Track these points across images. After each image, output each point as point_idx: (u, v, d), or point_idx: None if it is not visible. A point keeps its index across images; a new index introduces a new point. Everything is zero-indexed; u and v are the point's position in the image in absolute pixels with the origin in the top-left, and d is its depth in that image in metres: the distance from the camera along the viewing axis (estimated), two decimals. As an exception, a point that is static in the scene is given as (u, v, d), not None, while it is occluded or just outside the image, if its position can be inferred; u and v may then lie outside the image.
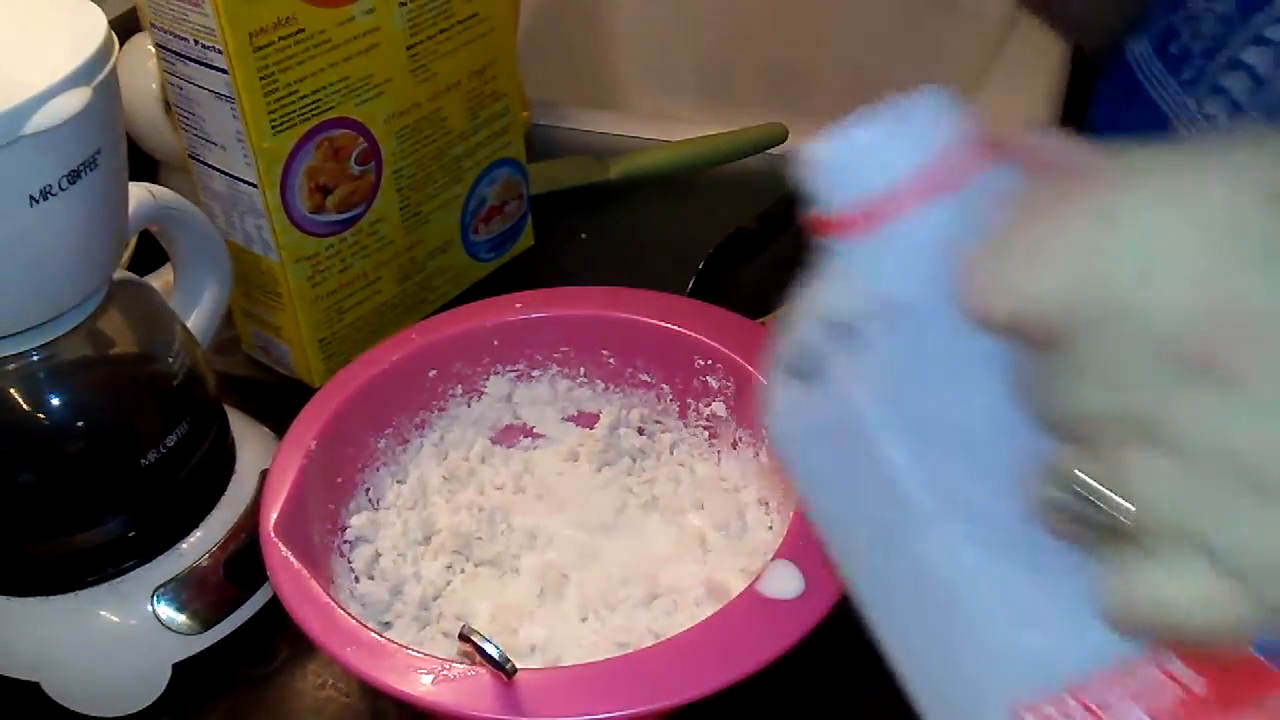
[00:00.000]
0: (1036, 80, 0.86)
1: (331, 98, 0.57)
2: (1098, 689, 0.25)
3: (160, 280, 0.63)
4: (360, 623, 0.41)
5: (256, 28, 0.53)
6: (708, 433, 0.54)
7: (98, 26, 0.42)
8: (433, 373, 0.55)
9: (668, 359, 0.54)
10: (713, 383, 0.53)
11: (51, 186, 0.41)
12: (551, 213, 0.77)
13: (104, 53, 0.42)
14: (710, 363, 0.53)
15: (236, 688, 0.50)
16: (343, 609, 0.42)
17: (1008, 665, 0.26)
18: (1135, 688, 0.25)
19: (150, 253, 0.63)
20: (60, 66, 0.40)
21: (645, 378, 0.55)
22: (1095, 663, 0.25)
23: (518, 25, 0.80)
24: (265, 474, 0.49)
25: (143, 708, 0.49)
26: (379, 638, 0.41)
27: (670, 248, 0.74)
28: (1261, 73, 0.35)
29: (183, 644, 0.50)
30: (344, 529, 0.51)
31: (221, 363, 0.67)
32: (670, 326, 0.54)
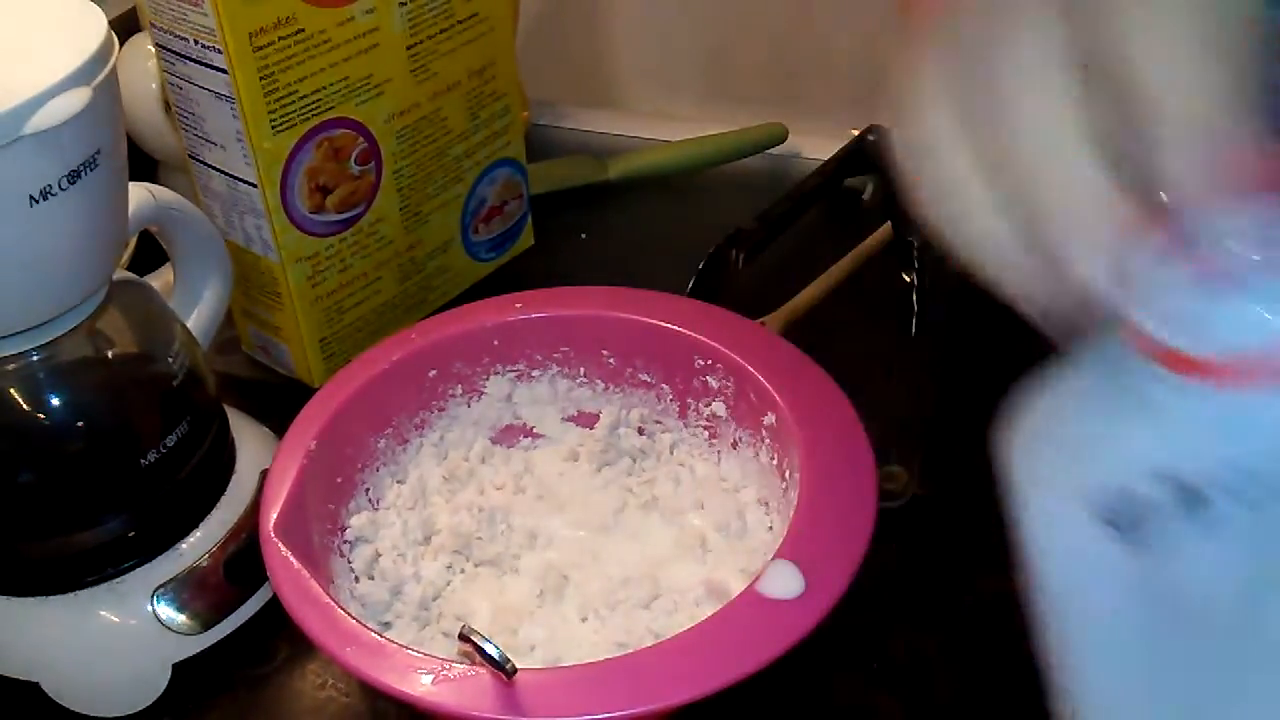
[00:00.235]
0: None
1: (331, 98, 0.57)
2: None
3: (160, 280, 0.63)
4: (360, 623, 0.41)
5: (256, 28, 0.53)
6: (708, 433, 0.54)
7: (98, 26, 0.42)
8: (433, 373, 0.55)
9: (668, 359, 0.54)
10: (713, 383, 0.53)
11: (51, 186, 0.41)
12: (551, 213, 0.77)
13: (104, 53, 0.42)
14: (710, 363, 0.53)
15: (236, 688, 0.50)
16: (343, 609, 0.42)
17: None
18: None
19: (150, 253, 0.63)
20: (60, 66, 0.40)
21: (645, 378, 0.55)
22: None
23: (518, 25, 0.80)
24: (265, 474, 0.49)
25: (143, 708, 0.49)
26: (379, 638, 0.41)
27: (670, 248, 0.74)
28: None
29: (183, 644, 0.50)
30: (344, 529, 0.51)
31: (221, 363, 0.67)
32: (670, 326, 0.54)
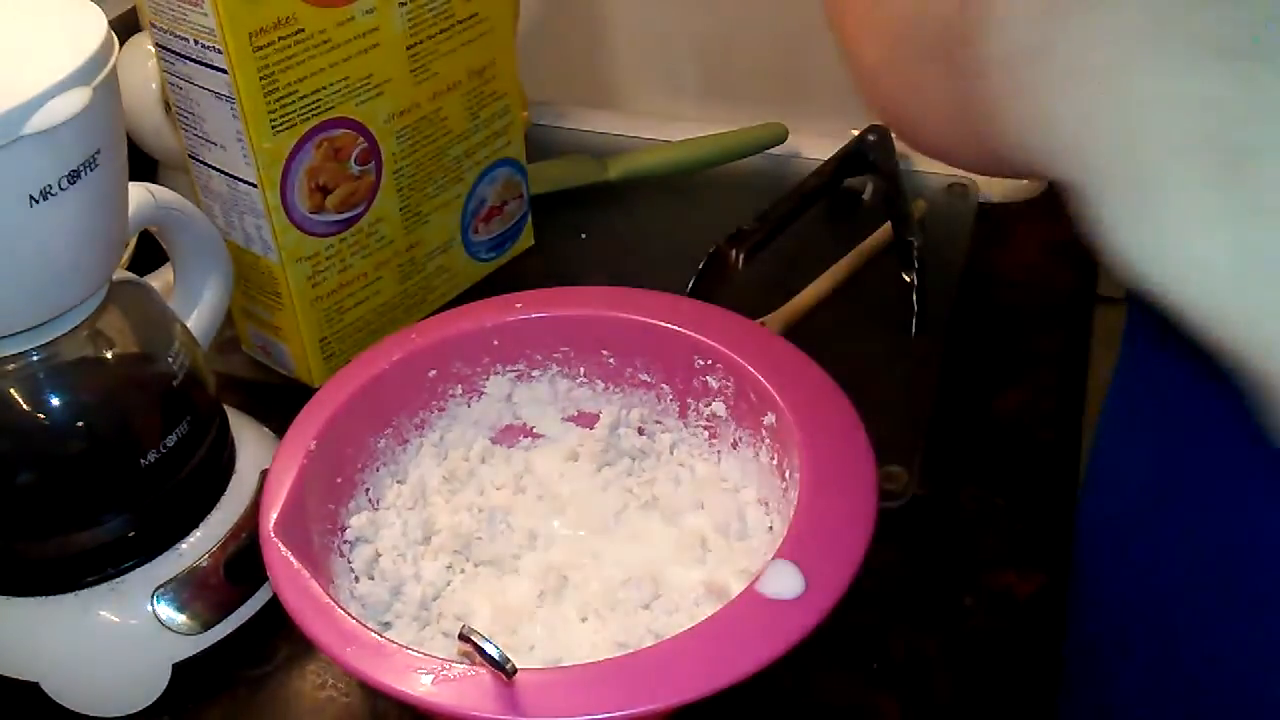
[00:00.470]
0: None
1: (331, 98, 0.57)
2: None
3: (160, 280, 0.64)
4: (360, 623, 0.41)
5: (256, 28, 0.53)
6: (708, 433, 0.54)
7: (98, 26, 0.42)
8: (433, 373, 0.55)
9: (668, 359, 0.54)
10: (713, 383, 0.53)
11: (51, 186, 0.41)
12: (551, 213, 0.77)
13: (104, 53, 0.42)
14: (710, 363, 0.53)
15: (236, 688, 0.50)
16: (343, 609, 0.42)
17: None
18: None
19: (150, 253, 0.63)
20: (60, 66, 0.40)
21: (645, 378, 0.55)
22: None
23: (518, 25, 0.80)
24: (265, 474, 0.49)
25: (143, 708, 0.49)
26: (379, 638, 0.41)
27: (670, 248, 0.74)
28: None
29: (183, 644, 0.50)
30: (344, 529, 0.51)
31: (221, 363, 0.67)
32: (670, 326, 0.54)
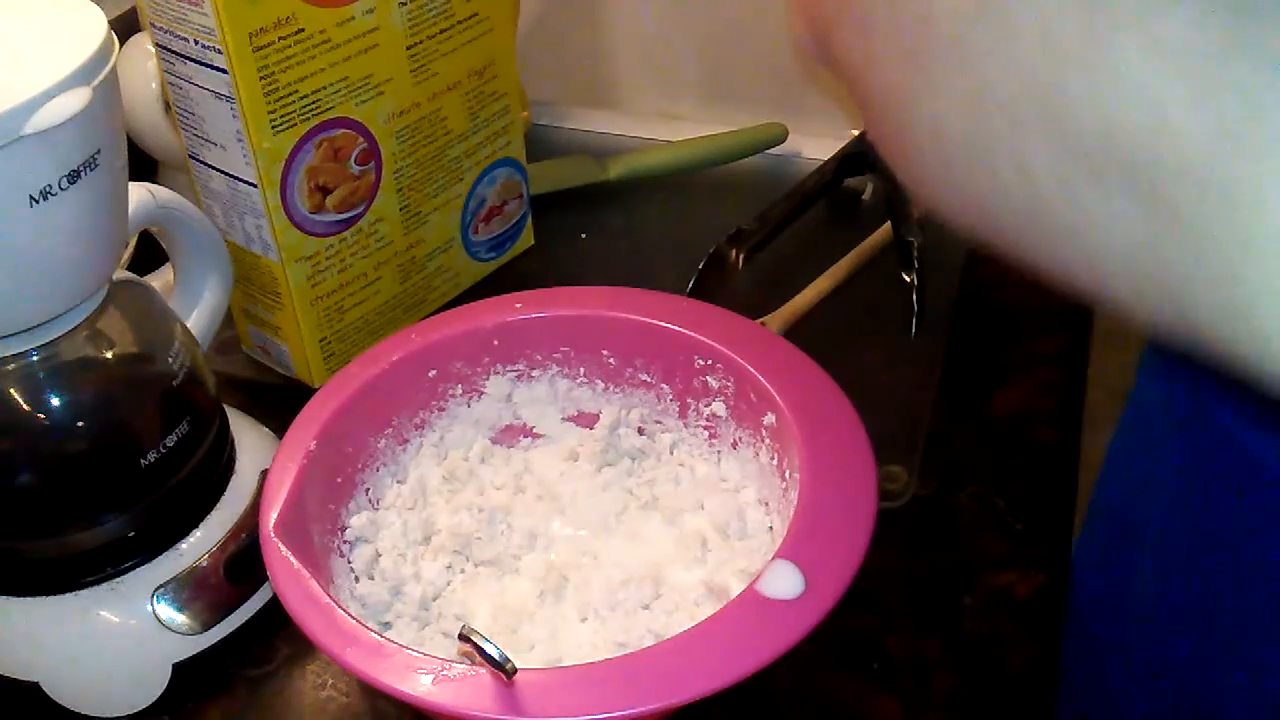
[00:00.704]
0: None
1: (331, 98, 0.57)
2: None
3: (160, 280, 0.63)
4: (360, 623, 0.41)
5: (256, 28, 0.53)
6: (708, 433, 0.54)
7: (98, 26, 0.42)
8: (433, 373, 0.55)
9: (668, 359, 0.54)
10: (713, 383, 0.53)
11: (51, 186, 0.41)
12: (551, 213, 0.77)
13: (104, 53, 0.42)
14: (710, 363, 0.53)
15: (236, 688, 0.50)
16: (343, 609, 0.42)
17: None
18: None
19: (150, 253, 0.63)
20: (60, 66, 0.40)
21: (645, 378, 0.55)
22: None
23: (518, 25, 0.80)
24: (265, 474, 0.49)
25: (143, 708, 0.49)
26: (379, 638, 0.41)
27: (670, 248, 0.74)
28: None
29: (183, 644, 0.50)
30: (344, 529, 0.51)
31: (221, 363, 0.67)
32: (670, 326, 0.54)
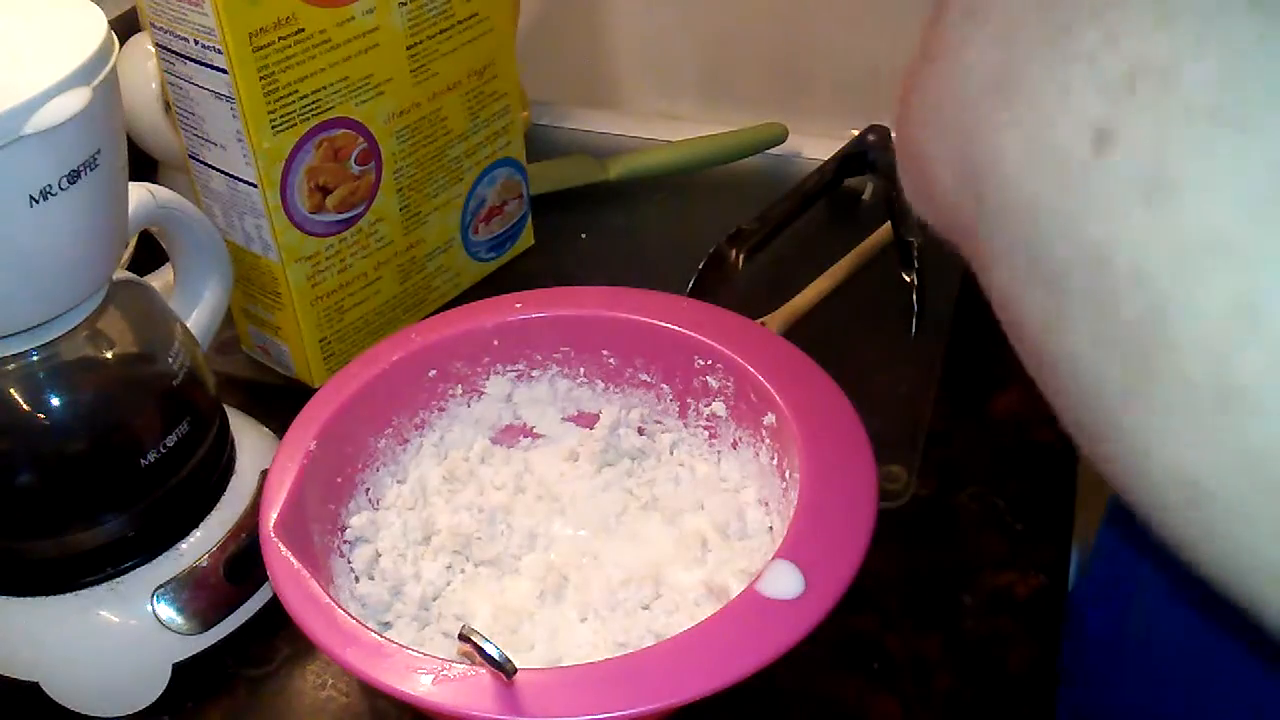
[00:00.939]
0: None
1: (331, 98, 0.57)
2: None
3: (160, 280, 0.64)
4: (360, 623, 0.41)
5: (256, 28, 0.53)
6: (708, 433, 0.54)
7: (98, 26, 0.42)
8: (433, 373, 0.55)
9: (668, 359, 0.54)
10: (713, 383, 0.53)
11: (51, 186, 0.41)
12: (551, 213, 0.77)
13: (104, 53, 0.42)
14: (710, 363, 0.53)
15: (236, 688, 0.50)
16: (343, 609, 0.42)
17: None
18: None
19: (150, 253, 0.63)
20: (60, 66, 0.40)
21: (645, 378, 0.55)
22: None
23: (518, 25, 0.80)
24: (265, 474, 0.49)
25: (143, 708, 0.49)
26: (379, 638, 0.41)
27: (670, 248, 0.74)
28: None
29: (183, 644, 0.50)
30: (344, 529, 0.51)
31: (221, 363, 0.67)
32: (670, 326, 0.54)
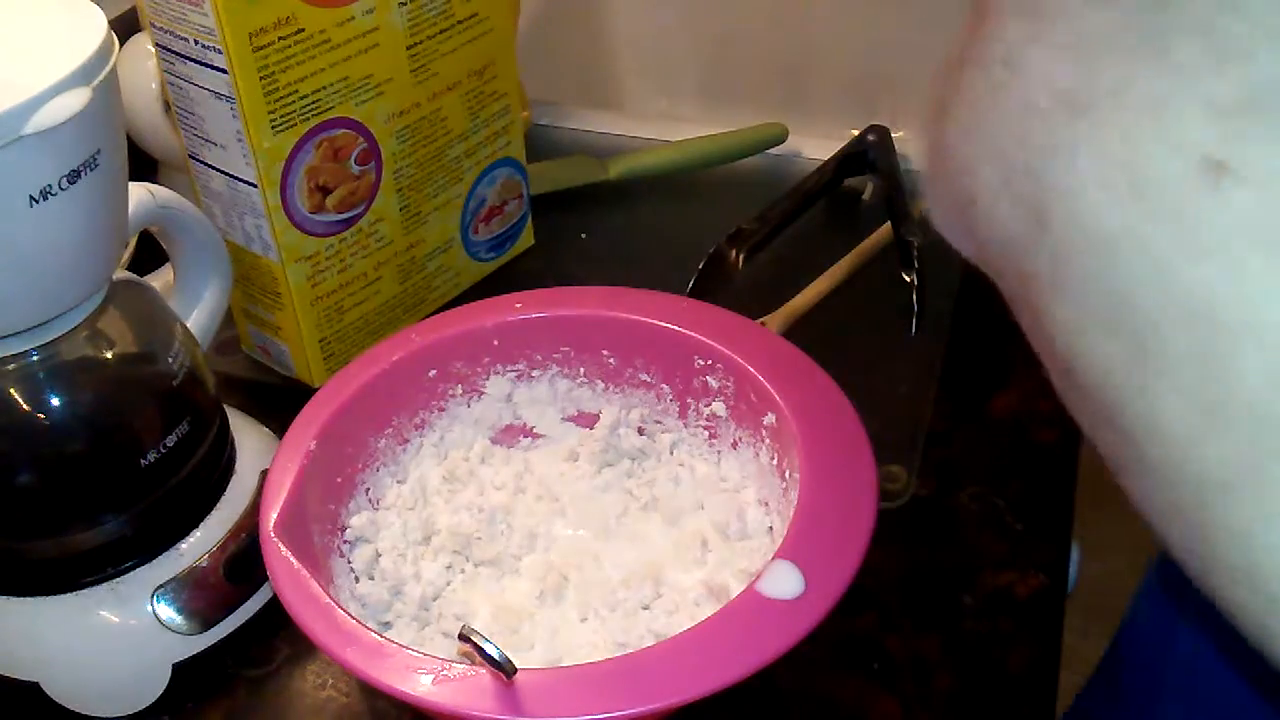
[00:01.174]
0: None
1: (331, 98, 0.57)
2: None
3: (160, 280, 0.64)
4: (360, 623, 0.41)
5: (256, 28, 0.53)
6: (708, 433, 0.54)
7: (98, 26, 0.42)
8: (433, 373, 0.55)
9: (668, 359, 0.54)
10: (713, 383, 0.53)
11: (51, 186, 0.41)
12: (551, 213, 0.77)
13: (104, 53, 0.42)
14: (710, 363, 0.53)
15: (236, 688, 0.50)
16: (343, 609, 0.42)
17: None
18: None
19: (150, 253, 0.63)
20: (60, 66, 0.40)
21: (645, 378, 0.55)
22: None
23: (518, 25, 0.80)
24: (265, 474, 0.49)
25: (143, 708, 0.49)
26: (379, 638, 0.41)
27: (670, 248, 0.74)
28: None
29: (183, 644, 0.50)
30: (344, 529, 0.51)
31: (221, 363, 0.67)
32: (670, 326, 0.54)
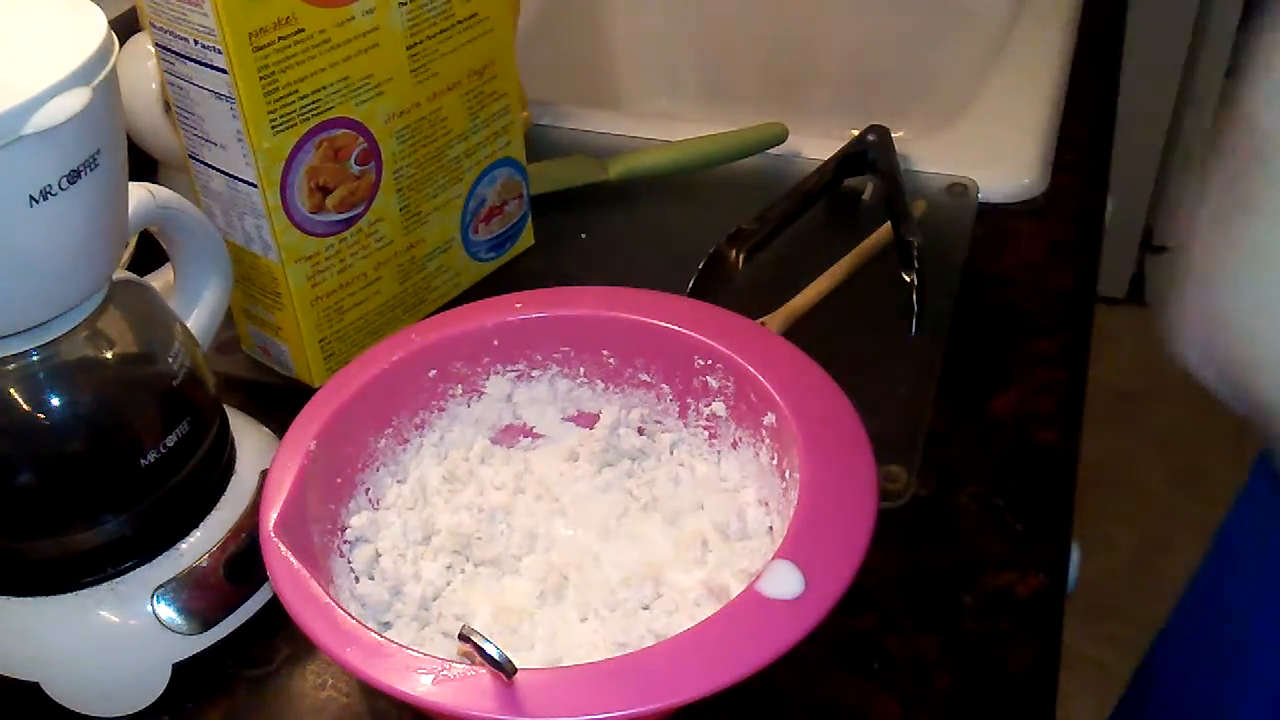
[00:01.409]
0: (1037, 80, 0.86)
1: (331, 98, 0.57)
2: None
3: (160, 280, 0.64)
4: (360, 623, 0.41)
5: (256, 28, 0.53)
6: (708, 433, 0.54)
7: (98, 26, 0.42)
8: (433, 373, 0.55)
9: (668, 359, 0.54)
10: (713, 383, 0.53)
11: (51, 186, 0.41)
12: (551, 213, 0.77)
13: (104, 53, 0.42)
14: (710, 363, 0.53)
15: (236, 688, 0.50)
16: (343, 609, 0.42)
17: None
18: None
19: (150, 253, 0.63)
20: (60, 66, 0.40)
21: (645, 378, 0.55)
22: None
23: (518, 25, 0.80)
24: (265, 474, 0.49)
25: (143, 708, 0.49)
26: (379, 638, 0.41)
27: (670, 248, 0.74)
28: None
29: (183, 644, 0.50)
30: (344, 529, 0.51)
31: (221, 363, 0.67)
32: (670, 326, 0.54)
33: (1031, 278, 0.70)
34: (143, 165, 0.74)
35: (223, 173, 0.57)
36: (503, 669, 0.38)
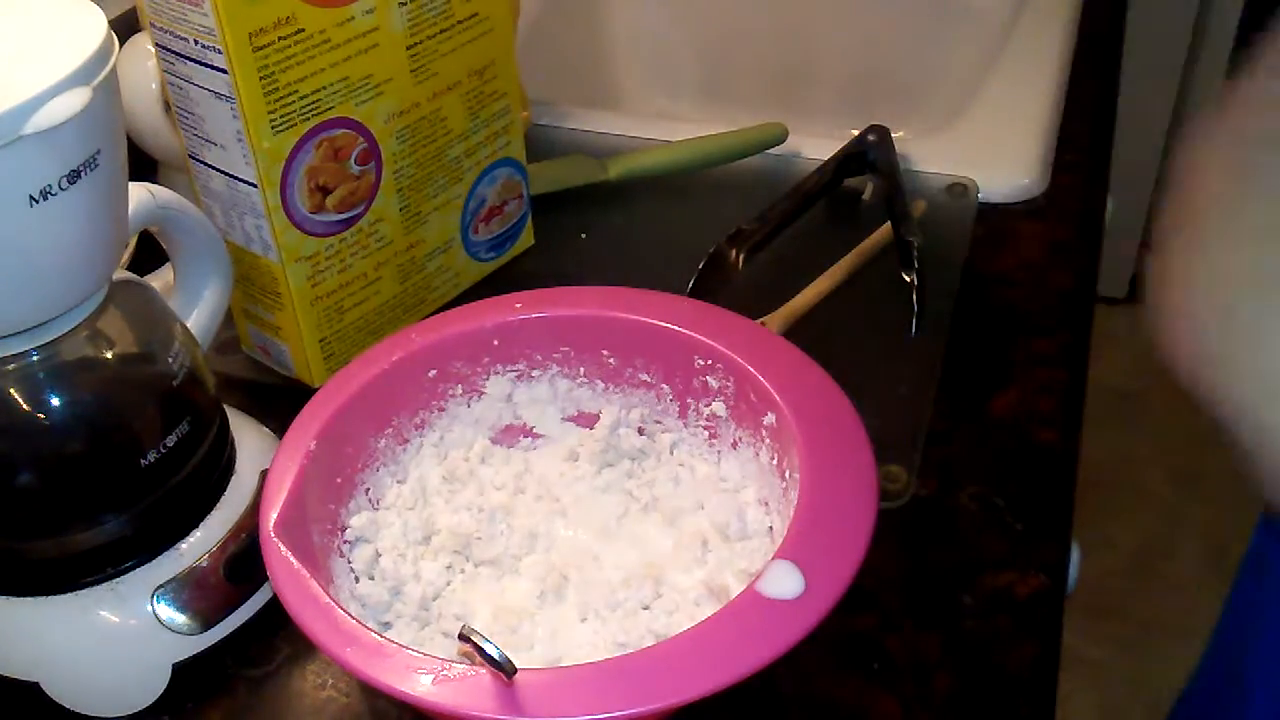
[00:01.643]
0: (1037, 80, 0.86)
1: (331, 98, 0.57)
2: None
3: (160, 280, 0.64)
4: (360, 623, 0.41)
5: (256, 28, 0.53)
6: (708, 433, 0.54)
7: (98, 26, 0.42)
8: (433, 373, 0.55)
9: (668, 359, 0.54)
10: (713, 383, 0.53)
11: (51, 186, 0.41)
12: (551, 213, 0.77)
13: (104, 53, 0.42)
14: (710, 363, 0.53)
15: (236, 688, 0.50)
16: (343, 609, 0.42)
17: None
18: None
19: (150, 253, 0.63)
20: (60, 66, 0.40)
21: (645, 378, 0.55)
22: None
23: (518, 25, 0.80)
24: (265, 474, 0.49)
25: (143, 708, 0.49)
26: (379, 638, 0.41)
27: (670, 248, 0.74)
28: None
29: (183, 644, 0.50)
30: (344, 529, 0.51)
31: (221, 363, 0.67)
32: (670, 326, 0.54)
33: (1031, 278, 0.70)
34: (143, 165, 0.74)
35: (223, 173, 0.57)
36: (503, 669, 0.38)
